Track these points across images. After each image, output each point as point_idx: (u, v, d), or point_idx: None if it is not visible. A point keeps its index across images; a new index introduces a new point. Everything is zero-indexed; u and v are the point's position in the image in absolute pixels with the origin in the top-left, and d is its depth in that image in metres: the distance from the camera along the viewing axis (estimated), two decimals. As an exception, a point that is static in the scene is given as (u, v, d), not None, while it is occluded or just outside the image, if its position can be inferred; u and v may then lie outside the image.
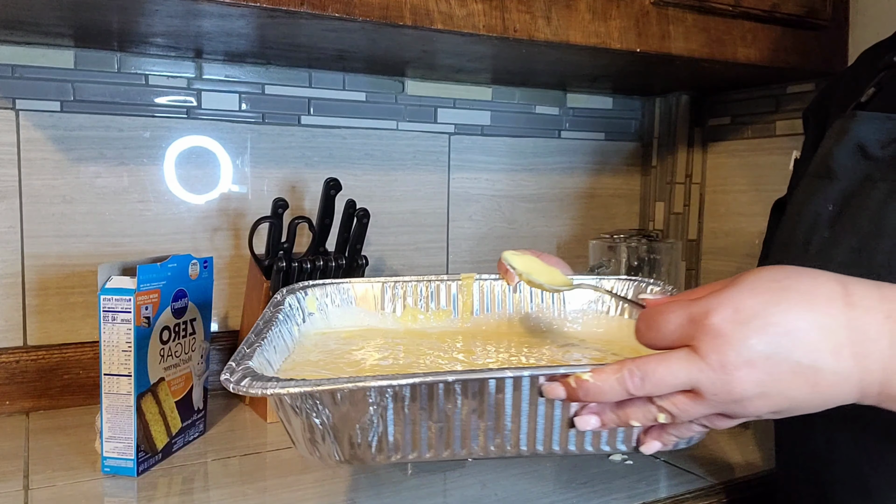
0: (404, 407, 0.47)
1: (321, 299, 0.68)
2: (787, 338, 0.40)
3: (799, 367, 0.40)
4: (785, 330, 0.40)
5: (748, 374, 0.40)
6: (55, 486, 0.73)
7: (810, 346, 0.40)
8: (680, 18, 0.98)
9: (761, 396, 0.41)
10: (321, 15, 0.77)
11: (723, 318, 0.41)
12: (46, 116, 0.96)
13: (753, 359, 0.40)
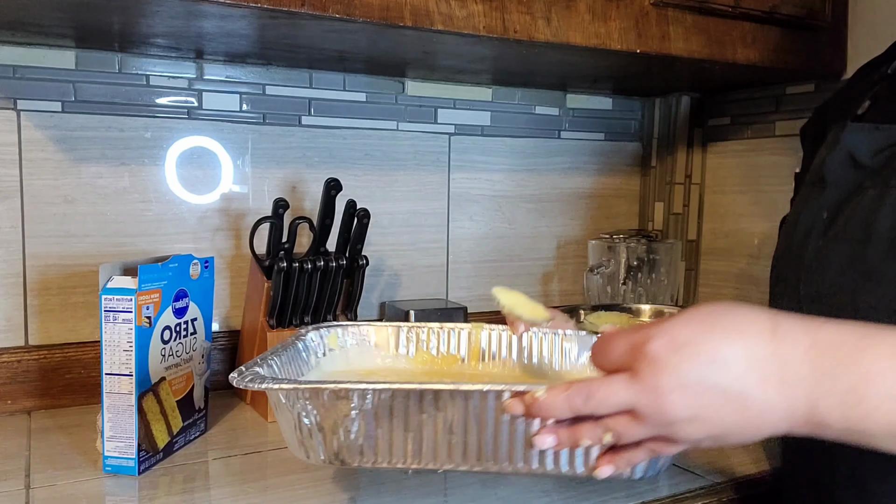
0: (382, 413, 0.52)
1: (342, 337, 0.75)
2: (716, 365, 0.42)
3: (727, 394, 0.42)
4: (715, 358, 0.43)
5: (680, 397, 0.43)
6: (56, 485, 0.73)
7: (738, 374, 0.42)
8: (680, 19, 0.98)
9: (693, 420, 0.43)
10: (322, 16, 0.77)
11: (659, 345, 0.44)
12: (47, 117, 0.97)
13: (685, 384, 0.43)
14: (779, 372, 0.42)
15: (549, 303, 1.34)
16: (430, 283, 1.25)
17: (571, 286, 1.39)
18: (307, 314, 0.98)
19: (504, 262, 1.32)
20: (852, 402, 0.41)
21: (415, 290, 1.24)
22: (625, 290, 1.26)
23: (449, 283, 1.27)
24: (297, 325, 0.97)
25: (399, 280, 1.23)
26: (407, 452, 0.54)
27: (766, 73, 1.12)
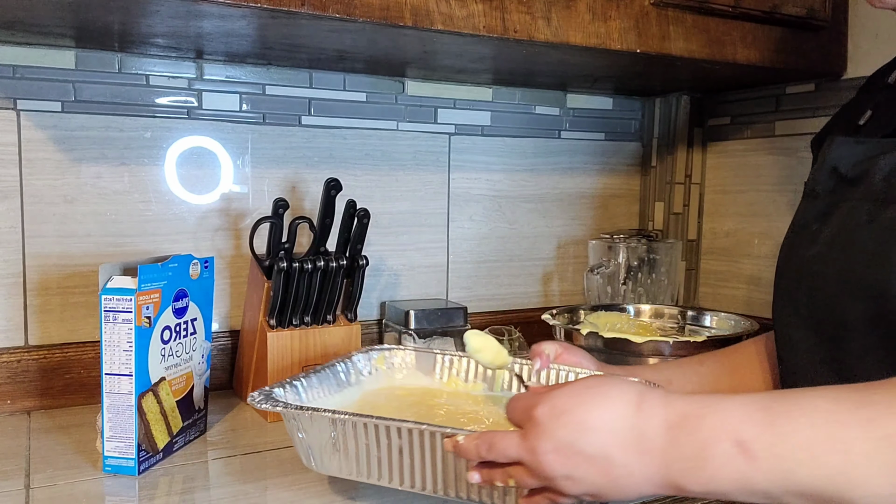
0: (351, 436, 0.63)
1: (388, 359, 0.86)
2: (586, 433, 0.49)
3: (594, 458, 0.48)
4: (585, 426, 0.49)
5: (554, 458, 0.49)
6: (56, 485, 0.73)
7: (603, 442, 0.48)
8: (680, 19, 0.98)
9: (568, 478, 0.49)
10: (322, 15, 0.77)
11: (542, 411, 0.51)
12: (47, 117, 0.97)
13: (558, 447, 0.49)
14: (637, 442, 0.48)
15: (550, 303, 1.34)
16: (430, 283, 1.25)
17: (571, 286, 1.39)
18: (307, 314, 0.98)
19: (504, 262, 1.32)
20: (699, 467, 0.46)
21: (415, 290, 1.24)
22: (625, 290, 1.26)
23: (449, 283, 1.27)
24: (297, 325, 0.97)
25: (399, 280, 1.23)
26: (374, 471, 0.64)
27: (766, 73, 1.12)
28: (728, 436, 0.45)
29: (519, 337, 1.14)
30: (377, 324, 1.19)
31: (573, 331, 1.04)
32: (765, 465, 0.44)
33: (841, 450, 0.43)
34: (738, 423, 0.46)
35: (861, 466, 0.42)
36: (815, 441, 0.44)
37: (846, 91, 1.14)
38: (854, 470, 0.42)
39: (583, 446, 0.49)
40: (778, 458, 0.44)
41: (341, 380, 0.80)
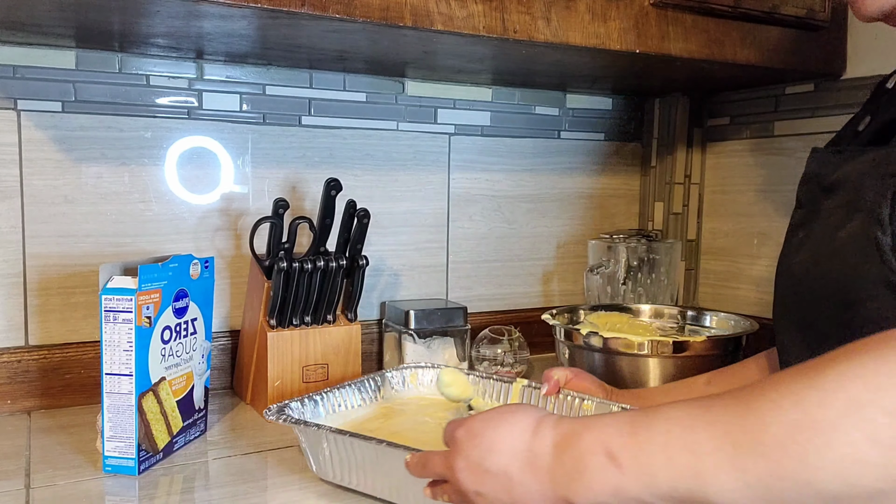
0: (338, 449, 0.70)
1: (420, 377, 0.94)
2: (491, 453, 0.54)
3: (497, 476, 0.54)
4: (492, 448, 0.54)
5: (466, 475, 0.55)
6: (56, 485, 0.73)
7: (505, 462, 0.53)
8: (679, 19, 0.98)
9: (479, 494, 0.54)
10: (322, 16, 0.77)
11: (461, 433, 0.57)
12: (48, 117, 0.97)
13: (470, 465, 0.55)
14: (530, 462, 0.53)
15: (550, 303, 1.34)
16: (430, 283, 1.26)
17: (571, 286, 1.39)
18: (307, 314, 0.98)
19: (504, 262, 1.32)
20: (578, 479, 0.50)
21: (415, 290, 1.24)
22: (625, 290, 1.26)
23: (449, 283, 1.27)
24: (297, 325, 0.97)
25: (399, 280, 1.23)
26: (358, 480, 0.71)
27: (766, 73, 1.12)
28: (600, 448, 0.49)
29: (519, 337, 1.14)
30: (377, 324, 1.19)
31: (573, 331, 1.04)
32: (631, 472, 0.48)
33: (691, 451, 0.46)
34: (608, 437, 0.50)
35: (709, 464, 0.45)
36: (669, 445, 0.47)
37: (845, 91, 1.14)
38: (704, 468, 0.45)
39: (489, 465, 0.54)
40: (641, 465, 0.47)
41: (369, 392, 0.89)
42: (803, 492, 0.42)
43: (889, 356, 0.42)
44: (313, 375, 0.98)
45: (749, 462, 0.43)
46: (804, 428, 0.42)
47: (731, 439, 0.44)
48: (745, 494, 0.44)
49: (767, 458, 0.42)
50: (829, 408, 0.41)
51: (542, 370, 1.21)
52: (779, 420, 0.43)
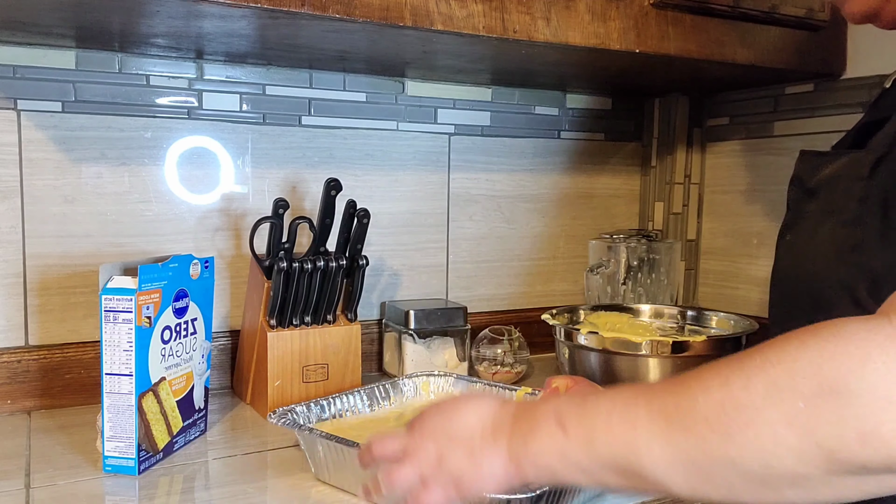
0: (328, 451, 0.72)
1: (433, 385, 0.95)
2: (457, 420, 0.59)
3: (461, 439, 0.57)
4: (458, 416, 0.59)
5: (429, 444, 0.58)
6: (56, 484, 0.73)
7: (471, 426, 0.58)
8: (679, 19, 0.98)
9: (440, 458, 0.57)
10: (322, 16, 0.77)
11: (428, 410, 0.61)
12: (48, 117, 0.97)
13: (434, 433, 0.59)
14: (493, 427, 0.57)
15: (550, 303, 1.34)
16: (430, 283, 1.26)
17: (571, 286, 1.39)
18: (307, 314, 0.98)
19: (504, 262, 1.32)
20: (529, 441, 0.54)
21: (415, 290, 1.24)
22: (625, 290, 1.27)
23: (449, 283, 1.27)
24: (297, 325, 0.97)
25: (399, 280, 1.23)
26: (350, 483, 0.72)
27: (765, 73, 1.12)
28: (552, 415, 0.53)
29: (519, 337, 1.14)
30: (377, 324, 1.19)
31: (573, 331, 1.04)
32: (574, 437, 0.51)
33: (628, 422, 0.49)
34: (561, 406, 0.54)
35: (643, 436, 0.48)
36: (611, 416, 0.50)
37: (845, 91, 1.14)
38: (638, 440, 0.48)
39: (454, 429, 0.58)
40: (584, 431, 0.51)
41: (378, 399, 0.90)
42: (727, 469, 0.44)
43: (811, 344, 0.44)
44: (313, 375, 0.98)
45: (678, 437, 0.46)
46: (728, 408, 0.44)
47: (664, 415, 0.47)
48: (675, 468, 0.46)
49: (695, 435, 0.45)
50: (752, 390, 0.44)
51: (542, 370, 1.21)
52: (707, 399, 0.45)
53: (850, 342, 0.43)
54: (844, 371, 0.42)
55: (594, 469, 0.51)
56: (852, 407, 0.41)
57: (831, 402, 0.41)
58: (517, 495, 0.59)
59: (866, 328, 0.43)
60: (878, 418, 0.40)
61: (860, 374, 0.41)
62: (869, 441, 0.41)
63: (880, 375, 0.41)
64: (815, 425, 0.42)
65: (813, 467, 0.42)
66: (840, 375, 0.42)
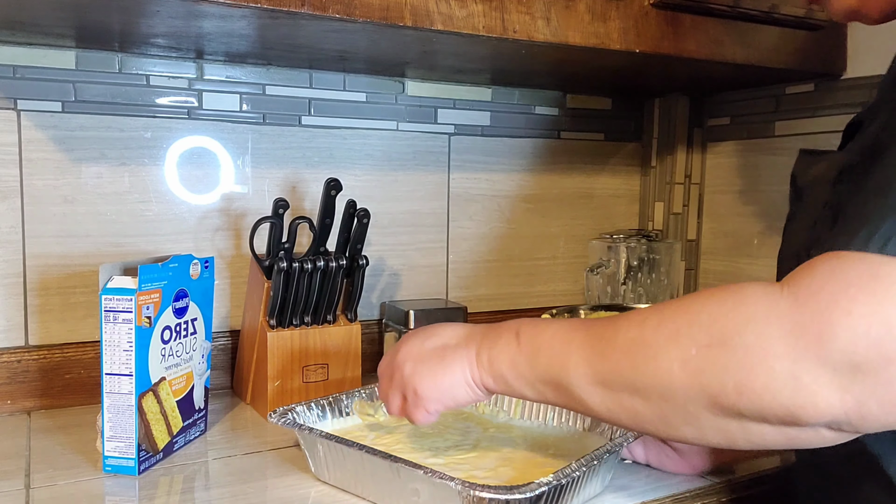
0: (328, 451, 0.72)
1: None
2: (433, 336, 0.67)
3: (435, 349, 0.65)
4: (434, 333, 0.67)
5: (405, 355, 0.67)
6: (56, 485, 0.73)
7: (445, 338, 0.66)
8: (679, 19, 0.98)
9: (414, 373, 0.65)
10: (322, 16, 0.77)
11: (407, 335, 0.70)
12: (48, 117, 0.97)
13: (411, 347, 0.67)
14: (466, 337, 0.65)
15: (550, 303, 1.34)
16: (430, 283, 1.26)
17: (571, 286, 1.39)
18: (307, 314, 0.98)
19: (504, 262, 1.32)
20: (491, 347, 0.61)
21: (415, 290, 1.24)
22: (625, 290, 1.27)
23: (449, 283, 1.27)
24: (297, 325, 0.97)
25: (399, 280, 1.23)
26: (350, 483, 0.72)
27: (766, 73, 1.12)
28: (514, 328, 0.61)
29: (519, 337, 1.14)
30: (377, 324, 1.19)
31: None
32: (525, 349, 0.59)
33: (566, 342, 0.56)
34: (522, 324, 0.61)
35: (574, 355, 0.55)
36: (554, 336, 0.57)
37: (846, 91, 1.14)
38: (569, 357, 0.55)
39: (431, 343, 0.66)
40: (532, 345, 0.58)
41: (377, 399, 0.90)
42: (633, 396, 0.52)
43: (715, 299, 0.49)
44: (313, 375, 0.98)
45: (598, 361, 0.54)
46: (639, 343, 0.51)
47: (592, 341, 0.55)
48: (593, 388, 0.54)
49: (610, 360, 0.53)
50: (659, 332, 0.50)
51: (542, 370, 1.21)
52: (627, 333, 0.52)
53: (743, 302, 0.47)
54: (731, 327, 0.47)
55: (535, 381, 0.58)
56: (733, 359, 0.46)
57: (717, 352, 0.47)
58: (516, 495, 0.59)
59: (762, 292, 0.47)
60: (751, 372, 0.45)
61: (743, 332, 0.46)
62: (743, 391, 0.46)
63: (758, 335, 0.46)
64: (702, 370, 0.47)
65: (700, 407, 0.48)
66: (727, 330, 0.47)
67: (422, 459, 0.73)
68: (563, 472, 0.62)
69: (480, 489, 0.60)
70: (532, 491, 0.59)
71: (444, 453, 0.77)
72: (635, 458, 0.79)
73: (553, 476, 0.61)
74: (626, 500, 0.71)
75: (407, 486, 0.65)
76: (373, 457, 0.67)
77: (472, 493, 0.60)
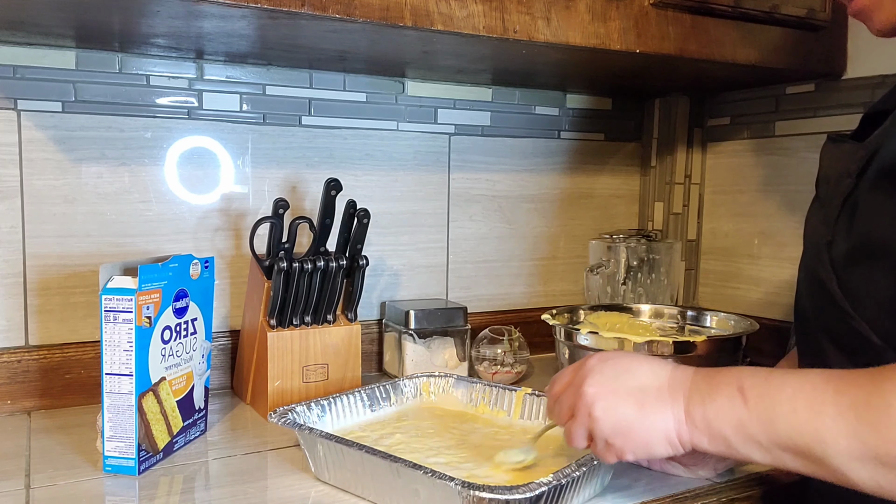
0: (329, 451, 0.72)
1: (433, 386, 0.95)
2: (628, 372, 0.61)
3: (631, 392, 0.59)
4: (630, 368, 0.61)
5: (597, 390, 0.60)
6: (56, 485, 0.73)
7: (643, 379, 0.60)
8: (679, 19, 0.98)
9: (606, 409, 0.59)
10: (322, 16, 0.77)
11: (593, 361, 0.63)
12: (48, 117, 0.97)
13: (602, 381, 0.61)
14: (670, 383, 0.59)
15: (549, 303, 1.34)
16: (430, 283, 1.26)
17: (571, 286, 1.39)
18: (307, 314, 0.98)
19: (504, 262, 1.32)
20: (708, 402, 0.56)
21: (415, 290, 1.24)
22: (625, 290, 1.26)
23: (449, 283, 1.27)
24: (297, 325, 0.97)
25: (399, 280, 1.23)
26: (350, 483, 0.72)
27: (766, 73, 1.12)
28: (734, 382, 0.55)
29: (519, 337, 1.14)
30: (377, 324, 1.19)
31: (573, 331, 1.04)
32: (755, 409, 0.53)
33: (814, 409, 0.50)
34: (744, 377, 0.55)
35: (827, 425, 0.50)
36: (795, 399, 0.52)
37: (846, 91, 1.14)
38: (822, 427, 0.50)
39: (625, 381, 0.60)
40: (765, 407, 0.53)
41: (378, 399, 0.90)
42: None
43: None
44: (313, 375, 0.98)
45: (870, 436, 0.48)
46: None
47: (855, 411, 0.49)
48: (861, 463, 0.48)
49: (887, 438, 0.47)
50: None
51: (542, 370, 1.21)
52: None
53: None
54: None
55: (771, 447, 0.52)
56: None
57: None
58: (516, 495, 0.59)
59: None
60: None
61: None
62: None
63: None
64: None
65: None
66: None
67: (422, 459, 0.73)
68: (563, 472, 0.62)
69: (480, 489, 0.60)
70: (532, 491, 0.59)
71: (444, 453, 0.77)
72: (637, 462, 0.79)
73: (553, 476, 0.61)
74: (626, 500, 0.71)
75: (407, 487, 0.65)
76: (373, 457, 0.67)
77: (472, 493, 0.60)
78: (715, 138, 1.37)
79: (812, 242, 0.66)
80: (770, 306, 1.27)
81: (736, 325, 1.10)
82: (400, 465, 0.64)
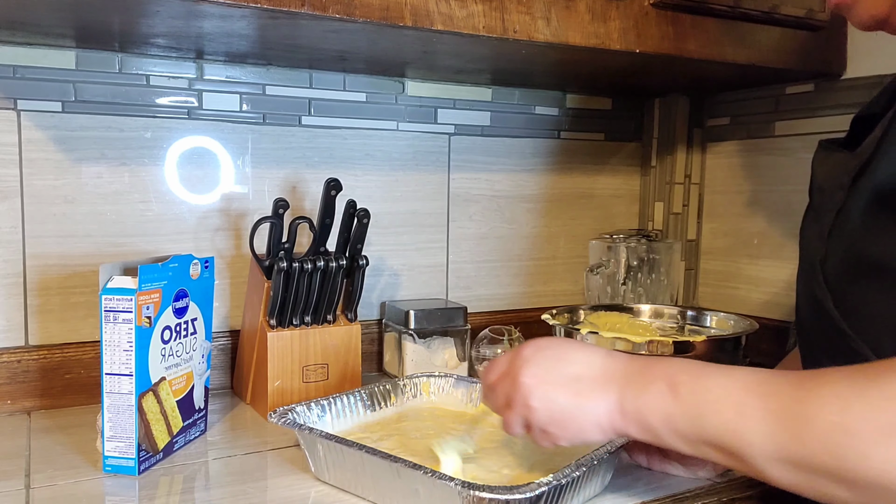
0: (329, 451, 0.72)
1: (433, 386, 0.95)
2: (564, 361, 0.62)
3: (567, 382, 0.60)
4: (565, 358, 0.62)
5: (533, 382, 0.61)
6: (56, 485, 0.73)
7: (578, 369, 0.61)
8: (679, 19, 0.98)
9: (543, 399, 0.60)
10: (322, 16, 0.77)
11: (528, 350, 0.64)
12: (48, 117, 0.97)
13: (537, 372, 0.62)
14: (604, 373, 0.60)
15: (550, 303, 1.35)
16: (430, 283, 1.26)
17: (571, 286, 1.39)
18: (307, 314, 0.98)
19: (504, 262, 1.32)
20: (640, 395, 0.57)
21: (415, 290, 1.24)
22: (625, 290, 1.26)
23: (449, 283, 1.27)
24: (297, 325, 0.97)
25: (399, 280, 1.23)
26: (350, 483, 0.72)
27: (766, 73, 1.12)
28: (667, 377, 0.56)
29: (519, 337, 1.14)
30: (377, 324, 1.19)
31: (573, 331, 1.04)
32: (683, 404, 0.54)
33: (740, 411, 0.51)
34: (676, 371, 0.56)
35: (753, 425, 0.51)
36: (722, 397, 0.53)
37: (846, 91, 1.14)
38: (746, 426, 0.51)
39: (560, 369, 0.61)
40: (694, 402, 0.54)
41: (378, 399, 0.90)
42: (834, 480, 0.47)
43: None
44: (313, 375, 0.98)
45: (790, 442, 0.48)
46: (843, 432, 0.46)
47: (778, 417, 0.49)
48: (778, 464, 0.49)
49: (806, 446, 0.48)
50: (868, 422, 0.45)
51: (542, 370, 1.21)
52: (825, 417, 0.47)
53: None
54: None
55: (696, 441, 0.54)
56: None
57: None
58: (516, 495, 0.59)
59: None
60: None
61: None
62: None
63: None
64: None
65: None
66: None
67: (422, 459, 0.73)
68: (563, 472, 0.62)
69: (480, 489, 0.60)
70: (532, 491, 0.59)
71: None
72: (637, 463, 0.79)
73: (553, 476, 0.61)
74: (626, 500, 0.71)
75: (407, 487, 0.65)
76: (373, 457, 0.67)
77: (472, 494, 0.60)
78: (715, 138, 1.37)
79: (807, 257, 0.66)
80: (770, 306, 1.27)
81: (736, 325, 1.10)
82: (400, 465, 0.64)
